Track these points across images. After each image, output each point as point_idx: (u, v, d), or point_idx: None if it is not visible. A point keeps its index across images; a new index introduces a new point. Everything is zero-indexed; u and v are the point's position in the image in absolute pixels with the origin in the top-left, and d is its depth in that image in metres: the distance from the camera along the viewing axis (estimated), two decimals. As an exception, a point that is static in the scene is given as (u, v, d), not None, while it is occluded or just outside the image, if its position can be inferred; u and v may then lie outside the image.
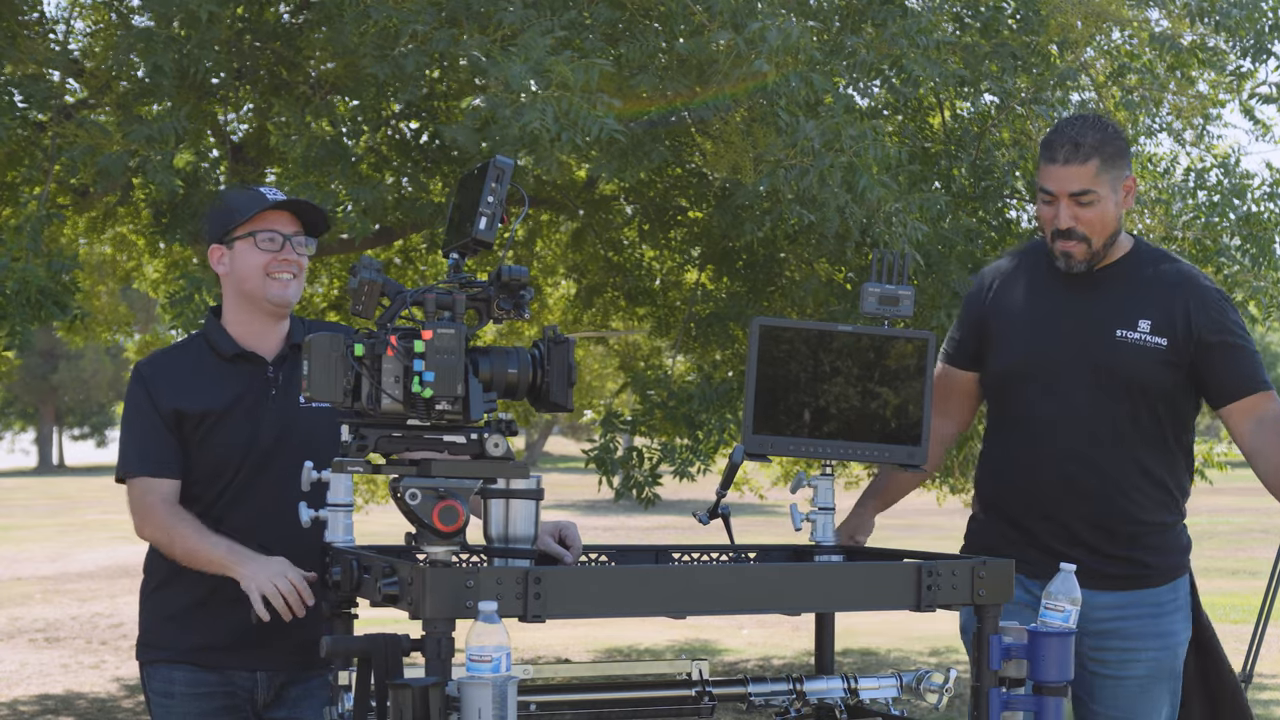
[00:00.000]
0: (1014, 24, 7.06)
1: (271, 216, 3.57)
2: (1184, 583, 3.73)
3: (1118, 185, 3.60)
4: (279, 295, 3.56)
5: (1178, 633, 3.69)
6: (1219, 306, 3.63)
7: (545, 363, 2.91)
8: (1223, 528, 21.39)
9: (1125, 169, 3.62)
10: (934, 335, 3.59)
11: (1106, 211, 3.58)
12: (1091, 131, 3.60)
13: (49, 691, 9.83)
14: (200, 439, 3.53)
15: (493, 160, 2.85)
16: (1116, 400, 3.62)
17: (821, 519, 3.54)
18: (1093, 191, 3.56)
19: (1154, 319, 3.61)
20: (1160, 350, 3.60)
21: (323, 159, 6.63)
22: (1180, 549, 3.73)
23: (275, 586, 3.27)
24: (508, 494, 3.01)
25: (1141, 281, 3.65)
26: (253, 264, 3.56)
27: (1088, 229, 3.58)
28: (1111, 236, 3.62)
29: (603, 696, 3.11)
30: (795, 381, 3.48)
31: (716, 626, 12.73)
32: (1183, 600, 3.71)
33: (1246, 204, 7.73)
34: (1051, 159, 3.60)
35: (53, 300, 5.92)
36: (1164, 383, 3.61)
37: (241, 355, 3.59)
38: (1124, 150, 3.63)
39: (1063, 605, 3.06)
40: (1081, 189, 3.56)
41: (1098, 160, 3.56)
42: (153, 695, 3.61)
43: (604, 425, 7.80)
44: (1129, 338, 3.60)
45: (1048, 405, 3.67)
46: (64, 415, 52.00)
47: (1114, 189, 3.59)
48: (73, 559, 18.78)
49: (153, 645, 3.63)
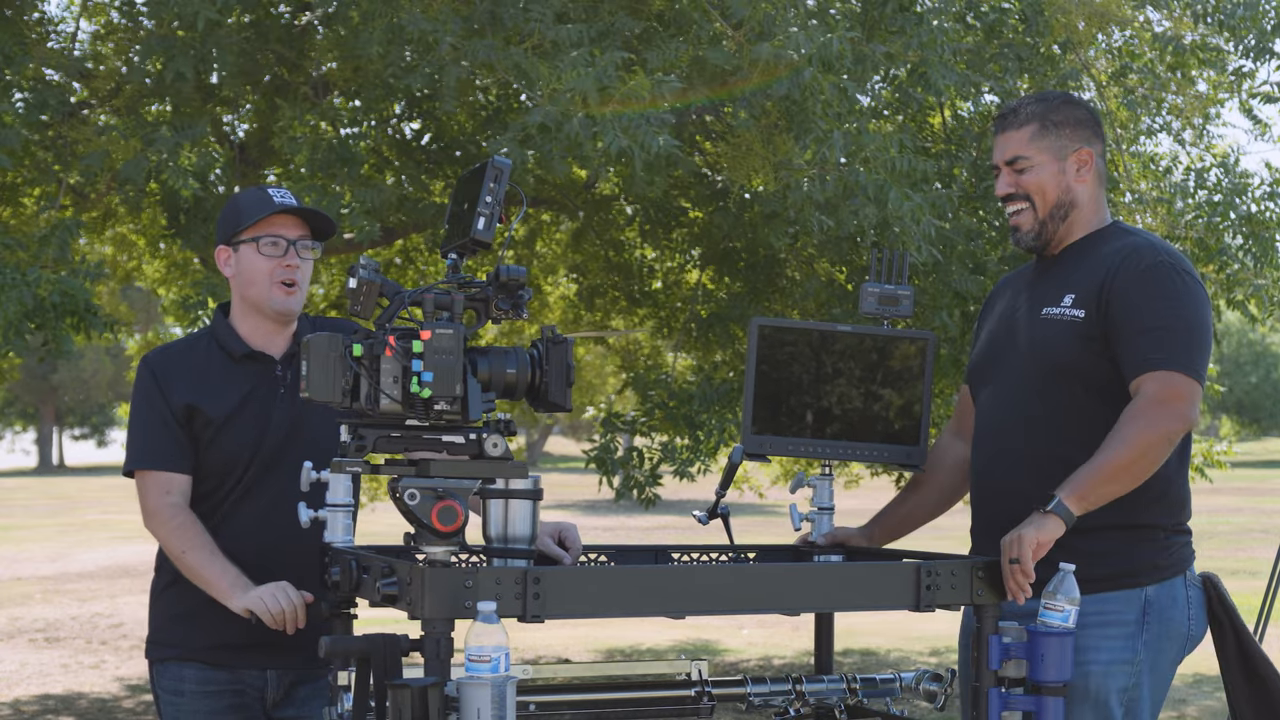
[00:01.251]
0: (1019, 26, 7.08)
1: (277, 221, 3.55)
2: (1137, 597, 3.25)
3: (1063, 153, 3.37)
4: (282, 305, 3.56)
5: (1098, 649, 3.21)
6: (1143, 276, 3.24)
7: (544, 363, 2.91)
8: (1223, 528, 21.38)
9: (1077, 140, 3.38)
10: (934, 335, 3.59)
11: (1044, 179, 3.36)
12: (1036, 101, 3.41)
13: (49, 691, 9.82)
14: (210, 439, 3.53)
15: (491, 160, 2.85)
16: (1049, 388, 3.29)
17: (821, 519, 3.55)
18: (1024, 158, 3.36)
19: (1078, 292, 3.31)
20: (1076, 323, 3.27)
21: (328, 161, 6.66)
22: (1138, 556, 3.26)
23: (275, 599, 3.28)
24: (506, 494, 3.01)
25: (1089, 258, 3.36)
26: (257, 269, 3.54)
27: (1027, 190, 3.36)
28: (1059, 207, 3.37)
29: (602, 697, 3.11)
30: (795, 381, 3.48)
31: (716, 626, 12.73)
32: (1132, 617, 3.24)
33: (1246, 204, 7.73)
34: (994, 129, 3.47)
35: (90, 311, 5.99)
36: (1086, 361, 3.25)
37: (250, 355, 3.59)
38: (1077, 120, 3.39)
39: (1062, 605, 3.06)
40: (1014, 155, 3.37)
41: (1035, 125, 3.36)
42: (162, 693, 3.60)
43: (604, 426, 7.81)
44: (1051, 313, 3.32)
45: (992, 404, 3.43)
46: (64, 415, 51.99)
47: (1056, 156, 3.36)
48: (73, 559, 18.77)
49: (163, 643, 3.62)
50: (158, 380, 3.55)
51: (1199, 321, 3.25)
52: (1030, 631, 3.07)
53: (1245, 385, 48.65)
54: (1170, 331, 3.20)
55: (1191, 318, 3.23)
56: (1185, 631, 3.31)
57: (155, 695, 3.64)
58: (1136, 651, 3.25)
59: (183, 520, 3.47)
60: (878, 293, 3.51)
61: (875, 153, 5.84)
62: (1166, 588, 3.29)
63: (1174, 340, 3.19)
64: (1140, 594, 3.25)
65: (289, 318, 3.60)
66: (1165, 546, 3.30)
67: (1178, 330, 3.21)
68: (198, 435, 3.53)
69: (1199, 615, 3.34)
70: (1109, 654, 3.23)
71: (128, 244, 9.83)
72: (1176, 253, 3.35)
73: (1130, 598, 3.25)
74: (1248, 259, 7.65)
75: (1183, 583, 3.32)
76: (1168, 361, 3.17)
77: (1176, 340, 3.19)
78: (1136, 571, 3.26)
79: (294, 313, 3.59)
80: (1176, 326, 3.21)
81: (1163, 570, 3.29)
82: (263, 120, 7.81)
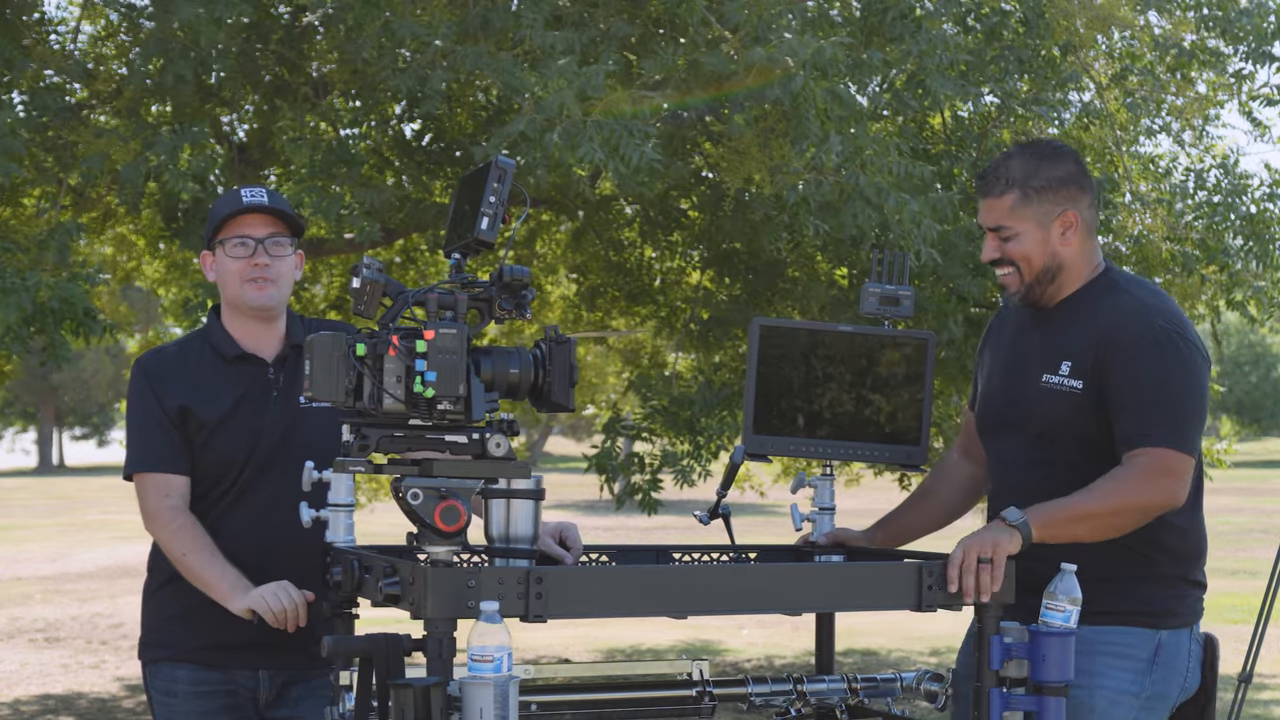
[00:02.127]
0: (1019, 29, 7.08)
1: (244, 220, 3.55)
2: (1152, 638, 3.29)
3: (1047, 220, 3.32)
4: (255, 299, 3.56)
5: (1108, 676, 3.26)
6: (1135, 347, 3.22)
7: (547, 363, 2.91)
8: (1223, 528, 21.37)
9: (1060, 203, 3.32)
10: (934, 335, 3.59)
11: (1029, 247, 3.32)
12: (1019, 162, 3.35)
13: (49, 691, 9.83)
14: (204, 440, 3.53)
15: (494, 160, 2.85)
16: (1046, 457, 3.32)
17: (822, 519, 3.55)
18: (1007, 228, 3.32)
19: (1074, 360, 3.30)
20: (1075, 394, 3.28)
21: (329, 163, 6.66)
22: (1157, 600, 3.31)
23: (276, 598, 3.29)
24: (509, 494, 3.01)
25: (1082, 318, 3.34)
26: (229, 270, 3.56)
27: (1013, 258, 3.35)
28: (1045, 272, 3.34)
29: (604, 696, 3.11)
30: (796, 381, 3.48)
31: (717, 626, 12.73)
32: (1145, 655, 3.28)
33: (1246, 204, 7.73)
34: (977, 191, 3.44)
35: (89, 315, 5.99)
36: (1086, 429, 3.27)
37: (242, 357, 3.60)
38: (1060, 180, 3.32)
39: (1063, 605, 3.06)
40: (995, 224, 3.35)
41: (1015, 194, 3.31)
42: (155, 694, 3.61)
43: (606, 430, 7.80)
44: (1050, 382, 3.32)
45: (995, 464, 3.47)
46: (64, 415, 51.97)
47: (1039, 224, 3.32)
48: (73, 559, 18.77)
49: (155, 644, 3.63)
50: (151, 383, 3.56)
51: (1191, 392, 3.24)
52: (1031, 631, 3.07)
53: (1245, 385, 48.64)
54: (1162, 406, 3.20)
55: (1183, 390, 3.23)
56: (1183, 682, 3.36)
57: (149, 696, 3.66)
58: (1144, 688, 3.30)
59: (183, 522, 3.47)
60: (878, 293, 3.51)
61: (874, 157, 5.84)
62: (1176, 636, 3.34)
63: (1166, 415, 3.20)
64: (1155, 635, 3.32)
65: (268, 313, 3.59)
66: (1182, 597, 3.36)
67: (1170, 404, 3.21)
68: (191, 437, 3.54)
69: (1195, 670, 3.39)
70: (1118, 683, 3.28)
71: (127, 244, 9.82)
72: (1171, 312, 3.32)
73: (1146, 636, 3.31)
74: (1249, 259, 7.65)
75: (1189, 635, 3.38)
76: (1159, 438, 3.18)
77: (1168, 415, 3.20)
78: (1155, 613, 3.32)
79: (270, 308, 3.58)
80: (1168, 401, 3.21)
81: (1177, 618, 3.35)
82: (263, 120, 7.81)
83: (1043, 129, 7.80)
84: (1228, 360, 46.66)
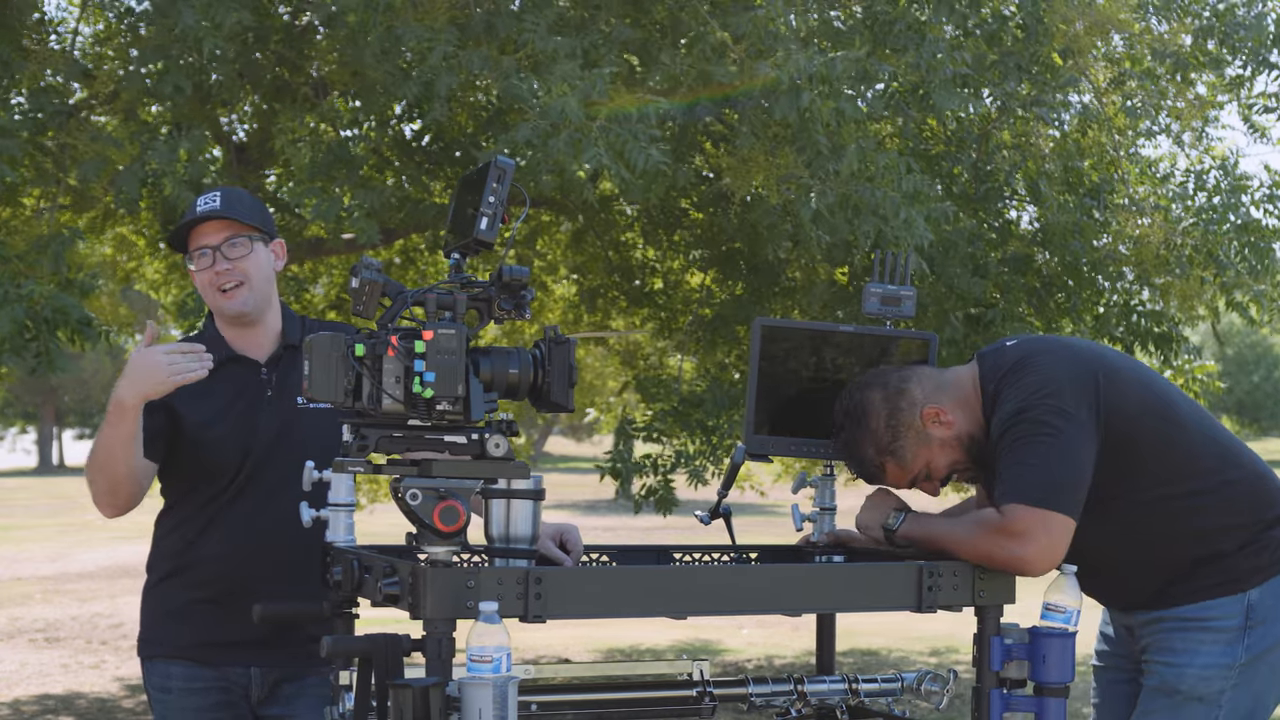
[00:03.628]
0: (1019, 33, 7.08)
1: (200, 231, 3.57)
2: (1239, 602, 3.28)
3: (920, 439, 3.29)
4: (229, 307, 3.59)
5: (1195, 653, 3.29)
6: (1012, 403, 3.20)
7: (546, 363, 2.90)
8: (1223, 528, 21.35)
9: (910, 418, 3.29)
10: (935, 335, 3.59)
11: (934, 469, 3.34)
12: (844, 429, 3.35)
13: (49, 691, 9.82)
14: (195, 440, 3.54)
15: (494, 160, 2.85)
16: None
17: (823, 519, 3.55)
18: (894, 474, 3.33)
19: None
20: None
21: (328, 163, 6.66)
22: (1235, 565, 3.30)
23: (167, 367, 3.27)
24: (509, 494, 3.01)
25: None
26: (200, 283, 3.61)
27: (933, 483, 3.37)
28: (965, 455, 3.33)
29: (604, 697, 3.11)
30: (797, 381, 3.48)
31: (717, 627, 12.73)
32: (1234, 623, 3.28)
33: (1245, 207, 7.73)
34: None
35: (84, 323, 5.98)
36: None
37: (234, 359, 3.61)
38: (889, 415, 3.28)
39: (1064, 606, 3.06)
40: (893, 482, 3.36)
41: (888, 458, 3.32)
42: (151, 690, 3.65)
43: (617, 434, 7.81)
44: None
45: None
46: (64, 415, 51.98)
47: (918, 445, 3.29)
48: (73, 559, 18.77)
49: (152, 641, 3.66)
50: None
51: (1055, 456, 3.14)
52: (1032, 633, 3.07)
53: (1246, 385, 48.63)
54: (1021, 467, 3.13)
55: (1046, 454, 3.14)
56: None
57: (147, 693, 3.69)
58: (1237, 657, 3.28)
59: None
60: (880, 293, 3.51)
61: (883, 170, 5.85)
62: (1271, 587, 3.30)
63: (1024, 476, 3.12)
64: (1244, 599, 3.29)
65: (246, 317, 3.61)
66: (1264, 545, 3.31)
67: (1028, 466, 3.13)
68: (183, 435, 3.55)
69: None
70: (1206, 657, 3.28)
71: (127, 244, 9.83)
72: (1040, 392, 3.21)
73: (1234, 603, 3.29)
74: (1244, 265, 7.64)
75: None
76: (1017, 495, 3.10)
77: (1026, 475, 3.12)
78: (1238, 577, 3.30)
79: (246, 311, 3.59)
80: (1027, 457, 3.13)
81: (1264, 571, 3.31)
82: (263, 121, 7.81)
83: (1042, 131, 7.80)
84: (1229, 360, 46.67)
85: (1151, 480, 3.30)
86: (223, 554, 3.50)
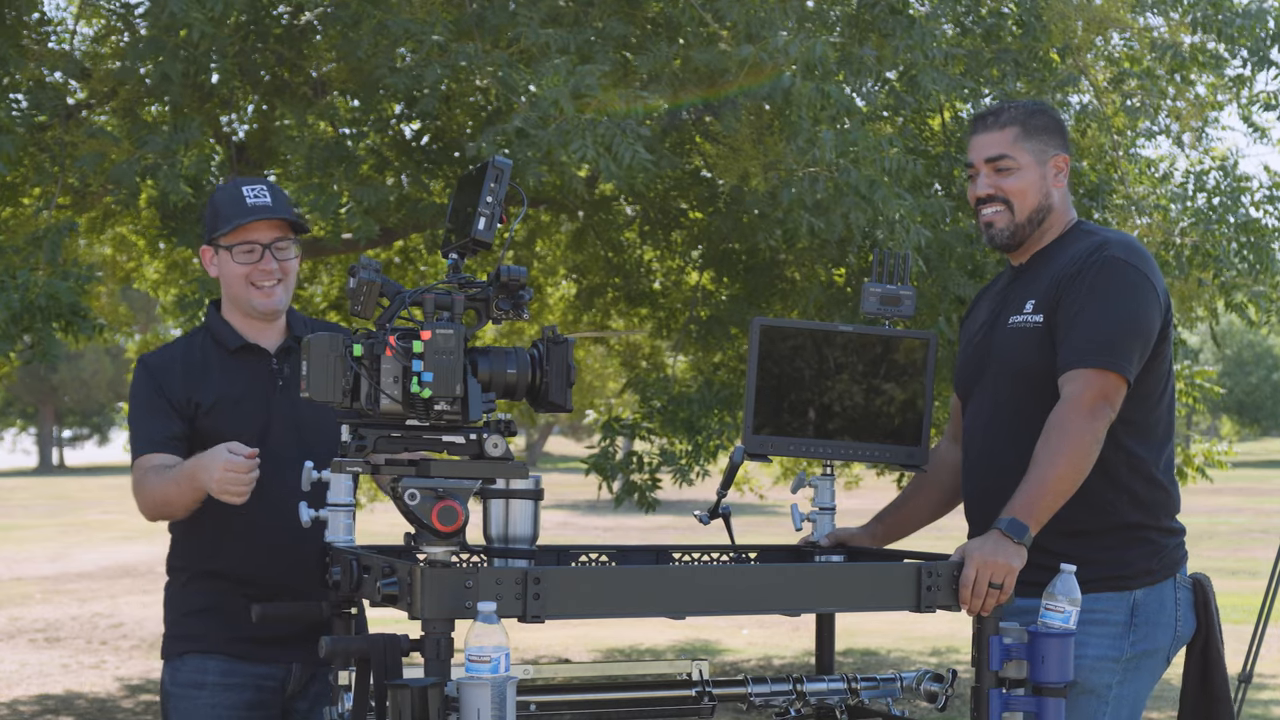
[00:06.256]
0: (1017, 30, 7.08)
1: (250, 227, 3.56)
2: (1126, 599, 3.30)
3: (1043, 158, 3.42)
4: (264, 305, 3.58)
5: (1086, 645, 3.22)
6: (1084, 274, 3.29)
7: (544, 363, 2.91)
8: (1222, 528, 21.38)
9: (1054, 146, 3.43)
10: (935, 335, 3.59)
11: (1028, 182, 3.41)
12: (1014, 106, 3.48)
13: (49, 691, 9.82)
14: (213, 428, 3.52)
15: (491, 160, 2.85)
16: (1021, 395, 3.34)
17: (822, 519, 3.55)
18: (1009, 157, 3.40)
19: (1038, 297, 3.36)
20: (1038, 329, 3.33)
21: (326, 160, 6.65)
22: (1130, 561, 3.31)
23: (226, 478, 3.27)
24: (507, 494, 3.00)
25: (1053, 263, 3.40)
26: (235, 274, 3.58)
27: (1008, 195, 3.41)
28: (1037, 211, 3.42)
29: (603, 697, 3.11)
30: (796, 381, 3.48)
31: (717, 627, 12.73)
32: (1120, 618, 3.29)
33: (1244, 207, 7.72)
34: (972, 130, 3.50)
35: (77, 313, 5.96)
36: (1050, 364, 3.29)
37: (245, 347, 3.61)
38: (1052, 127, 3.45)
39: (1063, 606, 3.06)
40: (998, 153, 3.41)
41: (1017, 128, 3.41)
42: (178, 689, 3.57)
43: (604, 430, 7.80)
44: (1015, 322, 3.39)
45: (975, 414, 3.48)
46: (64, 415, 52.01)
47: (1038, 160, 3.42)
48: (73, 559, 18.77)
49: (184, 637, 3.60)
50: (154, 378, 3.57)
51: (1130, 314, 3.26)
52: (1031, 632, 3.07)
53: (1246, 385, 48.65)
54: (1096, 327, 3.23)
55: (1120, 313, 3.25)
56: (1174, 632, 3.37)
57: (166, 694, 3.61)
58: (1123, 651, 3.30)
59: (146, 475, 3.48)
60: (879, 293, 3.51)
61: (866, 152, 5.83)
62: (1156, 591, 3.34)
63: (1097, 336, 3.22)
64: (1129, 597, 3.31)
65: (274, 315, 3.62)
66: (1157, 550, 3.36)
67: (1102, 325, 3.23)
68: (200, 426, 3.54)
69: (1187, 615, 3.39)
70: (1096, 649, 3.27)
71: (127, 244, 9.82)
72: (1131, 245, 3.37)
73: (1119, 599, 3.30)
74: (1243, 265, 7.64)
75: (1173, 585, 3.38)
76: (1088, 358, 3.21)
77: (1099, 336, 3.22)
78: (1128, 575, 3.32)
79: (277, 310, 3.60)
80: (1102, 321, 3.23)
81: (1154, 574, 3.34)
82: (262, 120, 7.81)
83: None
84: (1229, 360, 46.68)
85: (1136, 404, 3.31)
86: (241, 549, 3.48)
